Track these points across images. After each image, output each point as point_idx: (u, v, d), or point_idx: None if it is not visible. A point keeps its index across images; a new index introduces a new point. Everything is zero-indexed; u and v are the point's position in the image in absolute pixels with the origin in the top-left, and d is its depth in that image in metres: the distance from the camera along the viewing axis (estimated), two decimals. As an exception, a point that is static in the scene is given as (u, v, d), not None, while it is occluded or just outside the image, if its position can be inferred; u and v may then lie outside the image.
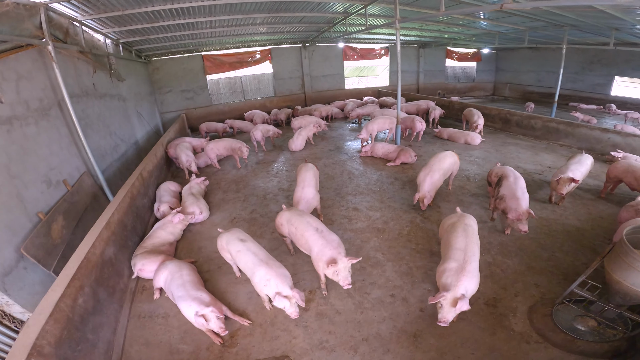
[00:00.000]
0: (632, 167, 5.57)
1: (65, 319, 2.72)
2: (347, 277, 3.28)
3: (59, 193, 4.99)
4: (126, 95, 9.54)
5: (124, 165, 8.02)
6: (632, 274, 2.64)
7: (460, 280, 2.93)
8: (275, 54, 14.19)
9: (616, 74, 15.34)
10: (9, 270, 3.57)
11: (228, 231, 4.01)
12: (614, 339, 2.98)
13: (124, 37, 9.06)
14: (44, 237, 4.18)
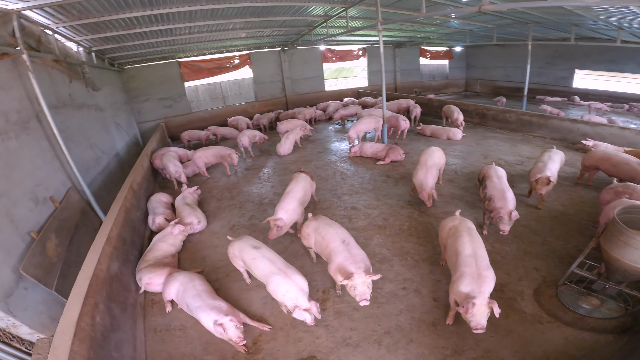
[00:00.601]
0: (608, 155, 5.98)
1: (88, 338, 2.64)
2: (365, 292, 3.17)
3: (47, 210, 4.75)
4: (103, 105, 9.18)
5: (107, 179, 7.71)
6: (629, 251, 2.87)
7: (482, 286, 2.94)
8: (254, 59, 14.10)
9: (577, 67, 16.43)
10: (10, 291, 3.40)
11: (239, 239, 3.98)
12: (618, 315, 3.21)
13: (97, 45, 8.73)
14: (40, 256, 3.98)
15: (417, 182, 5.64)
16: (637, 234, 2.80)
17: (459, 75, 21.48)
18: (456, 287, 3.07)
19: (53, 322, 3.77)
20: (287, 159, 9.15)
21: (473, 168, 7.47)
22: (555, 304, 3.42)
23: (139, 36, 8.76)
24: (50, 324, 3.73)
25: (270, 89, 15.07)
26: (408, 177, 7.18)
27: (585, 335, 3.10)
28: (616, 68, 15.06)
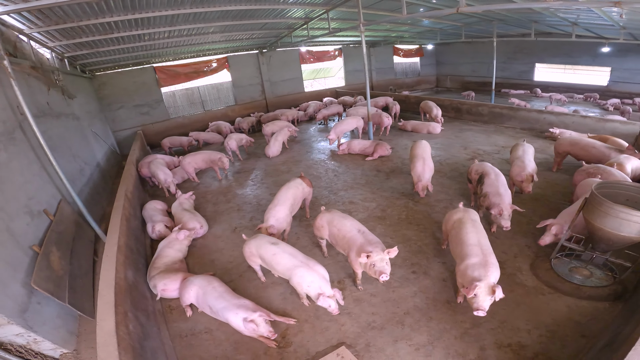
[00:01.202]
0: (576, 140, 6.60)
1: (130, 348, 2.63)
2: (384, 267, 3.30)
3: (43, 224, 4.61)
4: (79, 114, 8.85)
5: (93, 190, 7.48)
6: (609, 220, 3.27)
7: (488, 271, 3.05)
8: (232, 62, 14.00)
9: (536, 61, 17.67)
10: (24, 307, 3.30)
11: (254, 238, 4.03)
12: (608, 284, 3.61)
13: (71, 51, 8.40)
14: (47, 270, 3.88)
15: (415, 174, 5.89)
16: (615, 205, 3.20)
17: (430, 72, 22.42)
18: (460, 274, 3.23)
19: (72, 337, 3.74)
20: (277, 160, 9.24)
21: (455, 159, 7.95)
22: (552, 276, 3.80)
23: (116, 41, 8.53)
24: (70, 338, 3.67)
25: (249, 92, 15.02)
26: (398, 170, 7.53)
27: (584, 304, 3.46)
28: (571, 61, 16.38)
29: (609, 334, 2.88)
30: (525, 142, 6.33)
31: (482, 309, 2.90)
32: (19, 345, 3.16)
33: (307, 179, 5.57)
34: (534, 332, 3.20)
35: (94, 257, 5.48)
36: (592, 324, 3.24)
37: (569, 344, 3.07)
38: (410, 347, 3.18)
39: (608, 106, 13.45)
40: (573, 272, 3.80)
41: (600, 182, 3.73)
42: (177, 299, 4.07)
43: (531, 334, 3.19)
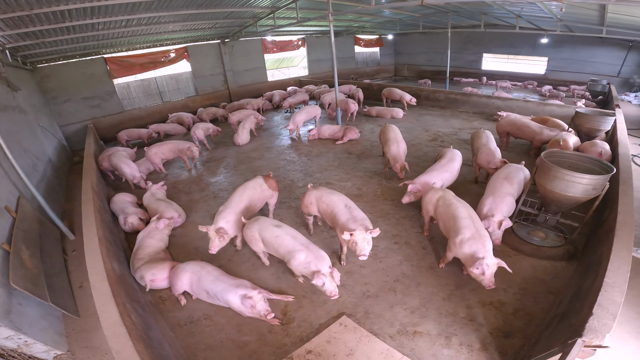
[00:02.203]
0: (512, 121, 7.42)
1: (140, 337, 2.60)
2: (364, 248, 3.48)
3: (6, 221, 4.28)
4: (25, 108, 8.11)
5: (49, 187, 6.95)
6: (557, 182, 3.83)
7: (486, 244, 3.28)
8: (192, 52, 13.41)
9: (484, 51, 19.02)
10: (8, 308, 3.10)
11: (255, 220, 3.99)
12: (561, 244, 4.17)
13: (14, 42, 7.62)
14: (22, 269, 3.64)
15: (391, 156, 6.19)
16: (562, 169, 3.75)
17: (388, 62, 23.23)
18: (456, 248, 3.40)
19: (61, 337, 3.57)
20: (247, 147, 9.20)
21: (418, 140, 8.58)
22: (514, 239, 4.33)
23: (66, 31, 7.87)
24: (60, 339, 3.51)
25: (211, 82, 14.54)
26: (367, 152, 7.95)
27: (545, 263, 3.99)
28: (514, 51, 17.90)
29: (572, 288, 3.35)
30: (483, 129, 6.62)
31: (493, 284, 3.15)
32: (10, 349, 3.01)
33: (272, 180, 5.07)
34: (509, 291, 3.65)
35: (64, 255, 5.19)
36: (556, 281, 3.75)
37: (540, 300, 3.54)
38: (406, 311, 3.50)
39: (544, 92, 14.97)
40: (531, 235, 4.36)
41: (547, 151, 4.31)
42: (167, 290, 4.02)
43: (507, 292, 3.63)
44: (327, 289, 3.27)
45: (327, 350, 3.15)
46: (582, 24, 11.05)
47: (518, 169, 4.59)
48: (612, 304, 2.51)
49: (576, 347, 2.29)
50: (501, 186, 4.25)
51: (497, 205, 4.03)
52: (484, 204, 4.18)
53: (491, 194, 4.21)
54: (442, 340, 3.17)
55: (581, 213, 4.13)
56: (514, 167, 4.63)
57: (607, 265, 2.84)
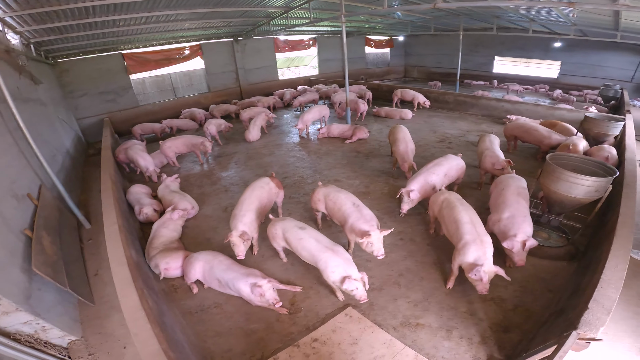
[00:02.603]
0: (520, 124, 7.44)
1: (157, 321, 2.72)
2: (381, 248, 3.61)
3: (28, 208, 4.51)
4: (45, 100, 8.41)
5: (66, 177, 7.21)
6: (560, 184, 3.92)
7: (487, 252, 3.30)
8: (206, 49, 13.69)
9: (495, 54, 18.93)
10: (28, 293, 3.18)
11: (282, 220, 4.04)
12: (563, 245, 4.24)
13: (39, 37, 7.94)
14: (43, 255, 3.78)
15: (399, 156, 6.28)
16: (566, 171, 3.84)
17: (398, 63, 23.27)
18: (463, 257, 3.37)
19: (76, 324, 3.67)
20: (257, 144, 9.41)
21: (426, 141, 8.67)
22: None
23: (88, 26, 8.18)
24: (75, 326, 3.59)
25: (223, 80, 14.80)
26: (375, 152, 8.06)
27: (546, 263, 4.07)
28: (526, 55, 17.76)
29: (571, 287, 3.45)
30: (488, 133, 6.71)
31: (486, 291, 3.23)
32: (27, 334, 3.06)
33: (276, 180, 5.17)
34: (510, 287, 3.74)
35: (80, 243, 5.41)
36: (555, 280, 3.83)
37: (539, 297, 3.64)
38: (409, 304, 3.63)
39: (555, 96, 14.87)
40: (534, 235, 4.42)
41: (552, 154, 4.39)
42: (179, 278, 4.19)
43: (507, 289, 3.73)
44: (358, 294, 3.27)
45: (332, 339, 3.29)
46: (596, 29, 10.97)
47: (522, 181, 4.47)
48: (607, 300, 2.61)
49: (570, 339, 2.39)
50: (518, 203, 3.98)
51: (520, 224, 3.75)
52: (502, 222, 3.88)
53: (507, 211, 3.92)
54: (443, 332, 3.29)
55: (585, 215, 4.20)
56: (518, 180, 4.45)
57: (605, 264, 2.94)
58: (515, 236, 3.62)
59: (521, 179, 4.51)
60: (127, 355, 3.25)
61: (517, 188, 4.20)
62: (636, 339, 3.08)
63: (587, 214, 4.19)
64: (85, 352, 3.31)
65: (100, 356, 3.25)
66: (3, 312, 2.82)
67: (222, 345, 3.34)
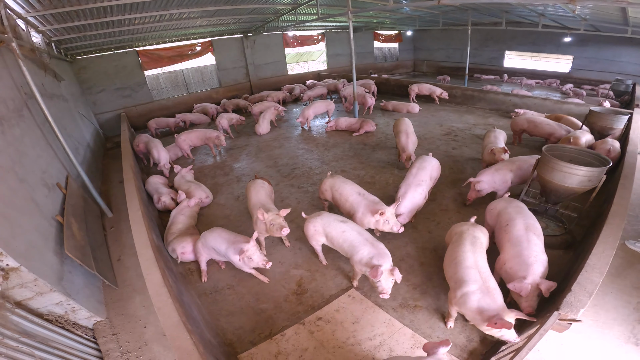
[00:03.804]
0: (529, 118, 7.53)
1: (177, 300, 2.94)
2: (397, 222, 3.81)
3: (58, 197, 4.88)
4: (67, 96, 8.88)
5: (88, 169, 7.62)
6: (555, 173, 4.08)
7: (496, 302, 2.78)
8: (217, 45, 14.03)
9: (506, 48, 18.75)
10: (60, 275, 3.41)
11: (319, 215, 4.02)
12: (560, 234, 4.40)
13: (59, 35, 8.37)
14: (73, 240, 4.08)
15: (400, 147, 6.52)
16: (560, 161, 4.00)
17: (407, 57, 23.21)
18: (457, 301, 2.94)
19: (101, 306, 3.91)
20: (267, 137, 9.73)
21: (431, 134, 8.81)
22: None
23: (105, 25, 8.55)
24: (100, 307, 3.82)
25: (234, 75, 15.14)
26: (382, 144, 8.29)
27: None
28: (537, 49, 17.56)
29: (564, 273, 3.62)
30: (495, 128, 6.79)
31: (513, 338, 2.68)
32: (58, 315, 3.21)
33: (264, 179, 5.24)
34: None
35: (103, 231, 5.79)
36: (551, 268, 3.90)
37: None
38: (409, 287, 3.87)
39: (567, 90, 14.73)
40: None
41: (548, 145, 4.54)
42: (195, 262, 4.49)
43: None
44: (380, 285, 3.19)
45: (336, 317, 3.55)
46: (606, 24, 10.85)
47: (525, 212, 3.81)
48: (589, 283, 2.77)
49: (552, 319, 2.56)
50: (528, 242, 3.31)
51: (529, 266, 3.11)
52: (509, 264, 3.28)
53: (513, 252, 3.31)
54: (439, 314, 3.51)
55: (581, 205, 4.36)
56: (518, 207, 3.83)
57: (592, 249, 3.10)
58: (524, 278, 3.01)
59: (521, 205, 3.88)
60: (147, 334, 3.51)
61: (527, 225, 3.49)
62: (626, 327, 3.21)
63: (584, 204, 4.35)
64: (109, 332, 3.54)
65: (122, 336, 3.48)
66: (38, 293, 3.02)
67: (234, 323, 3.59)
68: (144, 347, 3.36)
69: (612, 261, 3.05)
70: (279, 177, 6.96)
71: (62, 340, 3.09)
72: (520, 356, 2.34)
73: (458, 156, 7.38)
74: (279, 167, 7.42)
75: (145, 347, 3.36)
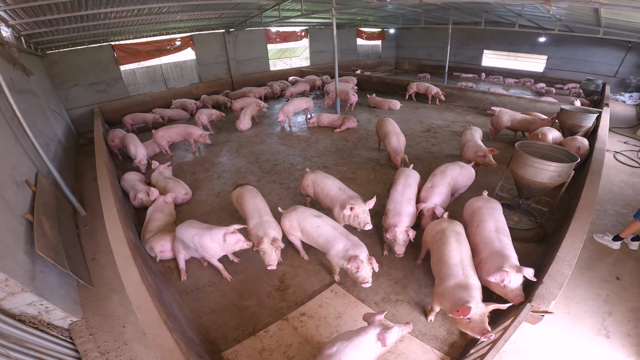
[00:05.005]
0: (513, 115, 7.83)
1: (157, 298, 2.87)
2: (366, 218, 3.80)
3: (28, 194, 4.67)
4: (37, 91, 8.49)
5: (59, 166, 7.33)
6: (527, 169, 4.24)
7: (472, 296, 2.74)
8: (197, 40, 13.70)
9: (485, 48, 19.23)
10: (32, 275, 3.27)
11: (294, 210, 4.00)
12: (532, 227, 4.57)
13: (29, 29, 7.96)
14: (45, 238, 3.90)
15: (392, 149, 6.40)
16: (532, 157, 4.16)
17: (390, 55, 23.44)
18: (440, 297, 2.98)
19: (77, 306, 3.78)
20: (249, 133, 9.63)
21: (412, 131, 8.99)
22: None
23: (79, 19, 8.20)
24: (76, 307, 3.71)
25: (214, 70, 14.85)
26: (363, 140, 8.42)
27: (515, 245, 4.22)
28: (514, 49, 18.10)
29: (536, 266, 3.71)
30: (471, 126, 6.85)
31: (488, 332, 2.51)
32: (31, 315, 3.13)
33: (249, 183, 5.09)
34: None
35: (77, 229, 5.58)
36: (524, 261, 3.94)
37: None
38: (390, 281, 3.93)
39: (540, 89, 15.26)
40: (506, 219, 4.74)
41: (521, 142, 4.71)
42: (175, 260, 4.39)
43: None
44: (361, 275, 3.23)
45: (319, 313, 3.57)
46: (580, 24, 11.30)
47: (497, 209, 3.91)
48: (560, 275, 2.89)
49: (525, 311, 2.65)
50: (500, 241, 3.40)
51: (505, 257, 3.18)
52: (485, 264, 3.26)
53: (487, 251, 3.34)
54: (420, 308, 3.59)
55: (551, 199, 4.55)
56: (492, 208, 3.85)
57: (562, 242, 3.23)
58: (502, 267, 3.01)
59: (496, 204, 3.93)
60: (126, 334, 3.41)
61: (495, 223, 3.58)
62: (596, 320, 3.35)
63: (555, 199, 4.54)
64: (86, 332, 3.45)
65: (100, 336, 3.40)
66: (9, 293, 2.93)
67: (217, 320, 3.56)
68: (124, 346, 3.28)
69: (582, 254, 3.18)
70: (260, 173, 6.92)
71: (37, 341, 2.98)
72: (497, 348, 2.41)
73: (437, 152, 7.58)
74: (261, 163, 7.37)
75: (125, 346, 3.28)
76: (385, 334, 2.35)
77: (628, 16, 7.62)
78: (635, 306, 3.51)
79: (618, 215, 5.04)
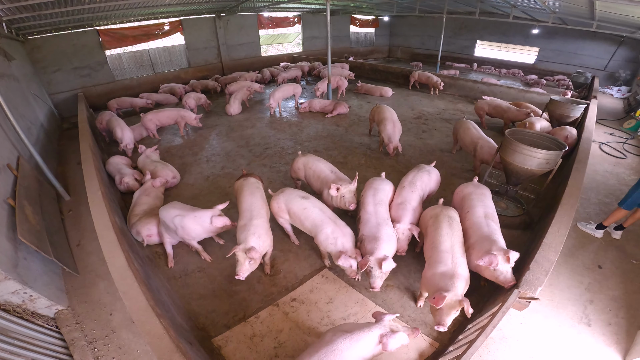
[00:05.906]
0: (488, 102, 8.04)
1: (144, 284, 2.80)
2: (353, 199, 3.88)
3: (9, 179, 4.51)
4: (18, 76, 8.20)
5: (42, 150, 7.11)
6: (516, 155, 4.28)
7: (454, 287, 2.73)
8: (186, 25, 13.27)
9: (478, 38, 19.18)
10: (15, 261, 3.17)
11: (282, 192, 3.93)
12: (519, 214, 4.63)
13: (10, 14, 7.58)
14: (27, 224, 3.75)
15: (386, 135, 6.33)
16: (520, 144, 4.20)
17: (383, 43, 23.21)
18: (427, 282, 2.97)
19: (62, 294, 3.68)
20: (239, 117, 9.50)
21: (404, 117, 8.97)
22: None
23: (63, 3, 7.84)
24: (61, 295, 3.61)
25: (204, 55, 14.48)
26: (354, 125, 8.46)
27: (502, 231, 4.33)
28: (506, 40, 18.11)
29: (522, 253, 3.80)
30: (468, 120, 6.54)
31: (442, 325, 2.57)
32: (16, 304, 3.05)
33: (254, 176, 4.43)
34: None
35: (60, 215, 5.44)
36: (511, 248, 4.13)
37: None
38: (380, 267, 3.96)
39: (529, 80, 15.32)
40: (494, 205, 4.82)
41: (511, 129, 4.74)
42: (162, 245, 4.27)
43: None
44: (349, 271, 3.33)
45: (310, 298, 3.58)
46: (573, 17, 11.32)
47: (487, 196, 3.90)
48: (546, 262, 2.92)
49: (512, 297, 2.69)
50: (488, 227, 3.40)
51: (493, 241, 3.19)
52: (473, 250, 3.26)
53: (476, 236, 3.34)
54: (410, 294, 3.63)
55: (538, 187, 4.61)
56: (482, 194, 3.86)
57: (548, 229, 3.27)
58: (490, 250, 3.02)
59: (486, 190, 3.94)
60: (114, 322, 3.35)
61: (485, 209, 3.59)
62: (578, 308, 3.42)
63: (541, 186, 4.60)
64: (72, 320, 3.37)
65: (87, 324, 3.32)
66: None
67: (207, 306, 3.52)
68: (112, 334, 3.22)
69: (566, 242, 3.21)
70: (251, 156, 6.88)
71: (22, 330, 2.90)
72: (485, 333, 2.43)
73: (428, 139, 7.72)
74: (251, 147, 7.31)
75: (113, 334, 3.22)
76: (388, 338, 2.24)
77: (622, 10, 7.65)
78: (616, 295, 3.59)
79: (601, 204, 5.15)
